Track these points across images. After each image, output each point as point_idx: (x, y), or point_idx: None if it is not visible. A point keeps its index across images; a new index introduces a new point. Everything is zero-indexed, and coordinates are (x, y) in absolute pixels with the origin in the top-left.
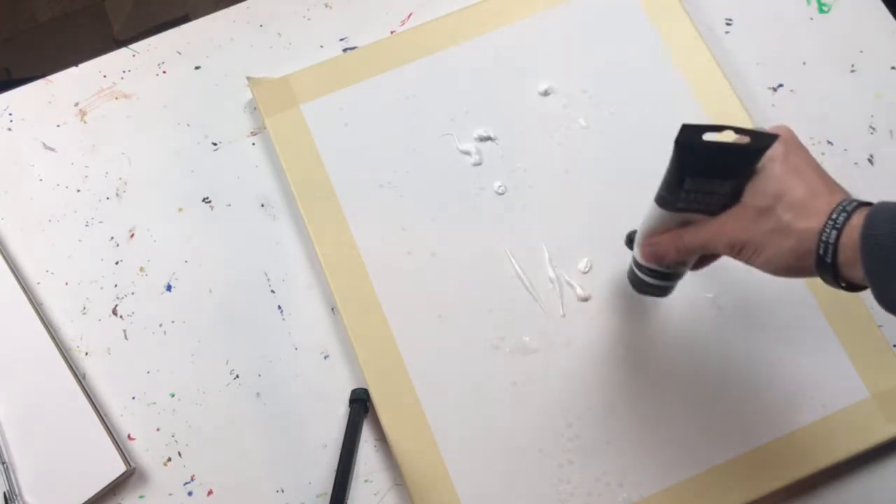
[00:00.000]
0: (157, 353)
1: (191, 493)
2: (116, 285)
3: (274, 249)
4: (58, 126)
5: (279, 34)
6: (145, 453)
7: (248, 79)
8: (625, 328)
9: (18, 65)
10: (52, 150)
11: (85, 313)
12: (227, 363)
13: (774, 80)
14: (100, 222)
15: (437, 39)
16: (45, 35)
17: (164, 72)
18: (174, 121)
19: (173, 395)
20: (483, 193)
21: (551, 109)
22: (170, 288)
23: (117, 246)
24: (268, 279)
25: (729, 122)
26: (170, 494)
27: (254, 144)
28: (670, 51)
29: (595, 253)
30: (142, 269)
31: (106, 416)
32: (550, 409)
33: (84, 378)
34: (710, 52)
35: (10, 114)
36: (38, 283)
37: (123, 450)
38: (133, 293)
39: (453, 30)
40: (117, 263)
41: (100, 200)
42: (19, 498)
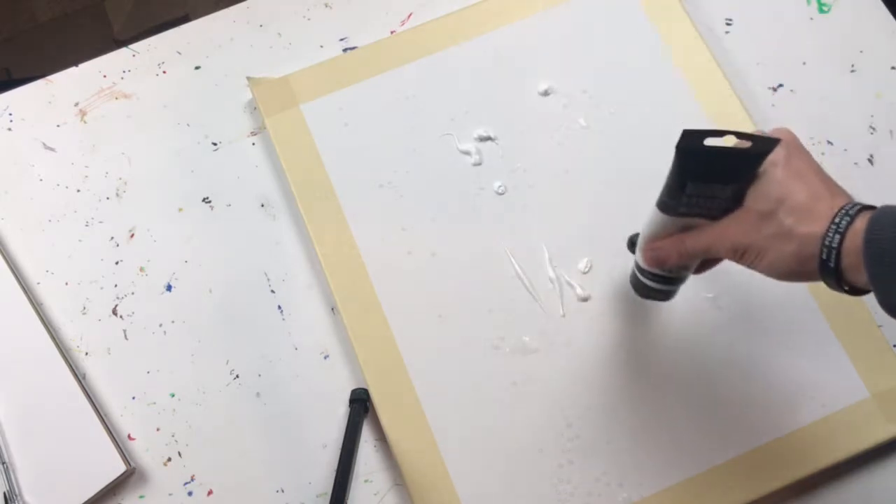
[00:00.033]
0: (157, 353)
1: (191, 493)
2: (116, 285)
3: (274, 249)
4: (58, 126)
5: (279, 34)
6: (145, 453)
7: (248, 79)
8: (625, 328)
9: (18, 65)
10: (52, 150)
11: (85, 313)
12: (227, 363)
13: (774, 80)
14: (100, 222)
15: (437, 39)
16: (45, 35)
17: (164, 72)
18: (174, 121)
19: (173, 395)
20: (483, 193)
21: (551, 109)
22: (170, 288)
23: (117, 246)
24: (268, 279)
25: (729, 123)
26: (170, 494)
27: (254, 144)
28: (670, 51)
29: (595, 253)
30: (142, 269)
31: (106, 416)
32: (550, 409)
33: (84, 378)
34: (710, 52)
35: (10, 114)
36: (38, 283)
37: (123, 450)
38: (133, 293)
39: (453, 30)
40: (117, 263)
41: (100, 200)
42: (19, 498)
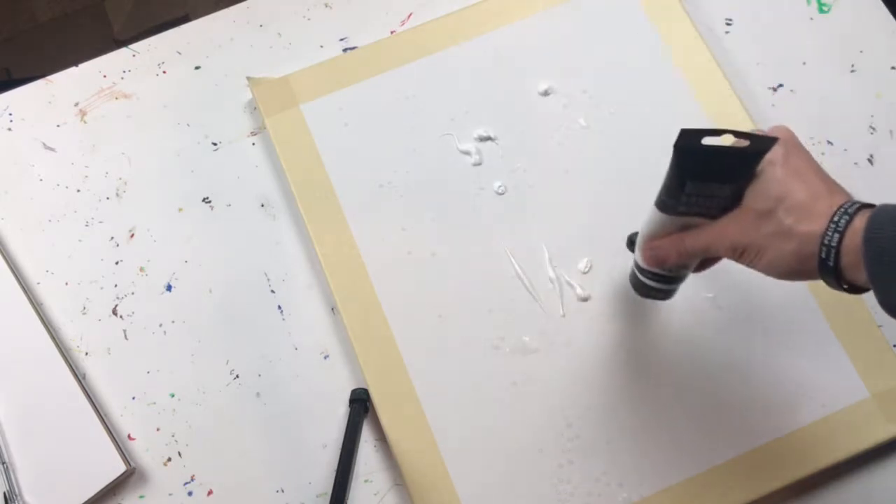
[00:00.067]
0: (157, 353)
1: (191, 493)
2: (116, 285)
3: (274, 249)
4: (58, 126)
5: (279, 34)
6: (145, 453)
7: (248, 79)
8: (625, 328)
9: (18, 65)
10: (52, 150)
11: (85, 313)
12: (227, 363)
13: (774, 80)
14: (100, 222)
15: (437, 39)
16: (45, 35)
17: (164, 72)
18: (174, 121)
19: (173, 395)
20: (483, 193)
21: (551, 109)
22: (170, 288)
23: (117, 246)
24: (268, 279)
25: (729, 123)
26: (170, 494)
27: (254, 144)
28: (670, 51)
29: (595, 253)
30: (142, 269)
31: (106, 416)
32: (550, 409)
33: (84, 378)
34: (710, 52)
35: (10, 114)
36: (38, 283)
37: (123, 450)
38: (133, 293)
39: (453, 30)
40: (117, 263)
41: (100, 200)
42: (19, 498)
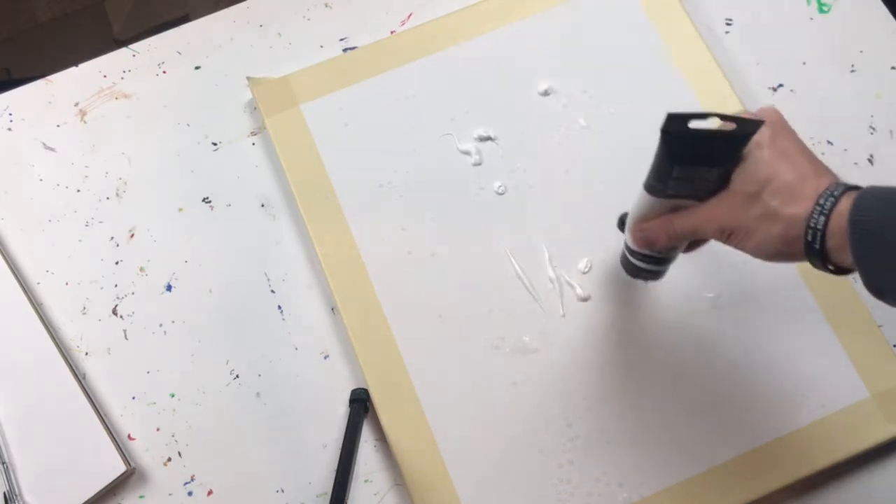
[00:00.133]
0: (157, 353)
1: (191, 493)
2: (116, 285)
3: (274, 249)
4: (58, 126)
5: (279, 34)
6: (145, 453)
7: (248, 79)
8: (625, 328)
9: (18, 65)
10: (52, 150)
11: (85, 313)
12: (227, 363)
13: (774, 80)
14: (100, 222)
15: (437, 39)
16: (45, 35)
17: (164, 72)
18: (174, 121)
19: (173, 395)
20: (483, 193)
21: (551, 109)
22: (170, 288)
23: (117, 246)
24: (268, 279)
25: None
26: (170, 494)
27: (254, 144)
28: (670, 51)
29: (595, 253)
30: (142, 269)
31: (106, 416)
32: (550, 410)
33: (84, 378)
34: (710, 52)
35: (10, 114)
36: (38, 283)
37: (123, 450)
38: (133, 293)
39: (453, 30)
40: (117, 263)
41: (100, 200)
42: (19, 498)
